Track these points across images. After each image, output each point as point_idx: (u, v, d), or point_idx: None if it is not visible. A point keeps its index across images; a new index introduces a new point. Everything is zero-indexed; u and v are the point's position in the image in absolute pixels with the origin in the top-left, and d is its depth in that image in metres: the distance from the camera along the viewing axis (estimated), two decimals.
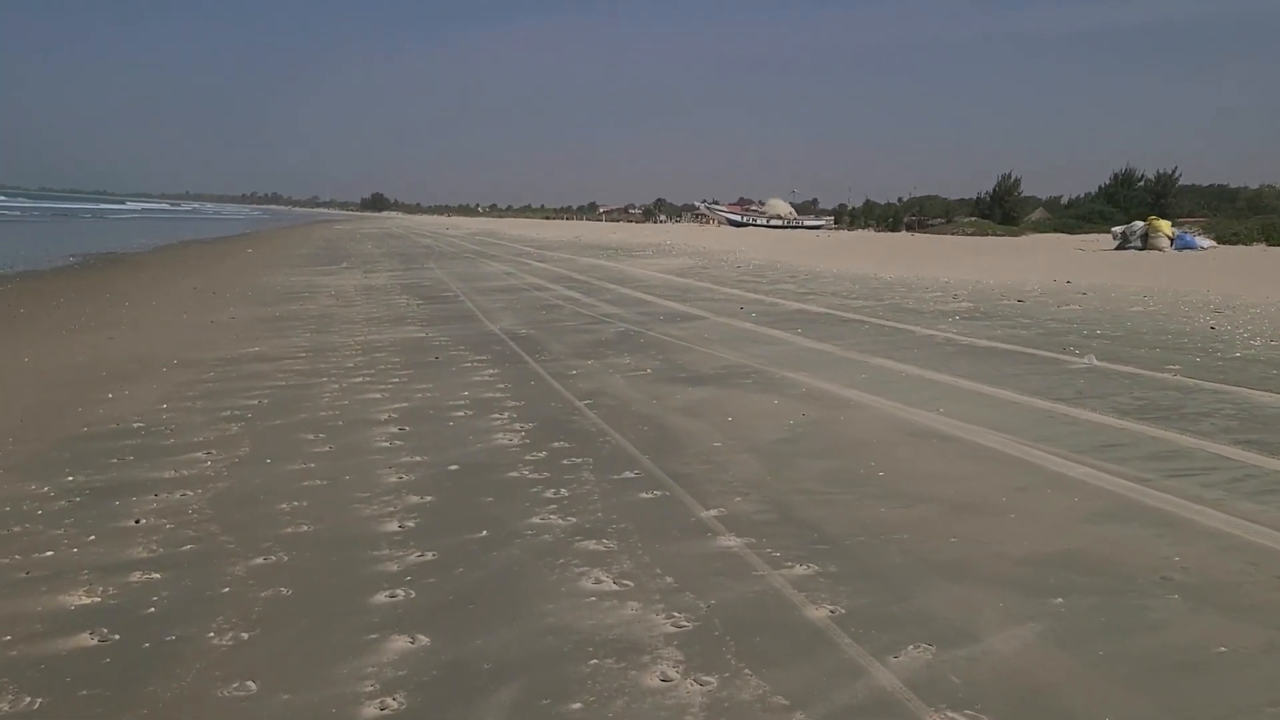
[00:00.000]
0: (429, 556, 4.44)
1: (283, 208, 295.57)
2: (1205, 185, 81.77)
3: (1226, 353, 10.21)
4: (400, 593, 4.02)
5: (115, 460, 6.23)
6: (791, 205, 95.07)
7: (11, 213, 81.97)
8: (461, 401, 8.02)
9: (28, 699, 3.17)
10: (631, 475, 5.74)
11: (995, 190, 72.75)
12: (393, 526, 4.87)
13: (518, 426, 7.08)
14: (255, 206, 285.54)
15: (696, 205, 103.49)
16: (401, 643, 3.55)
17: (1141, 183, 67.91)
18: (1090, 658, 3.35)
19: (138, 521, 4.97)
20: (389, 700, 3.14)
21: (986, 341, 11.05)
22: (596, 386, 8.65)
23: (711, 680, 3.22)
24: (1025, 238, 53.75)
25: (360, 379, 9.21)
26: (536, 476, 5.74)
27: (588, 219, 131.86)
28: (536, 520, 4.93)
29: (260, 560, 4.41)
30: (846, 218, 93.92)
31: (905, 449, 6.27)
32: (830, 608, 3.78)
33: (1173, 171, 65.96)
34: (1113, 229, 29.07)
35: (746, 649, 3.44)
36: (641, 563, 4.33)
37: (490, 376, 9.24)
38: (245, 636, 3.61)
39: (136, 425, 7.25)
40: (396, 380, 9.08)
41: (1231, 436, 6.52)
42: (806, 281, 20.48)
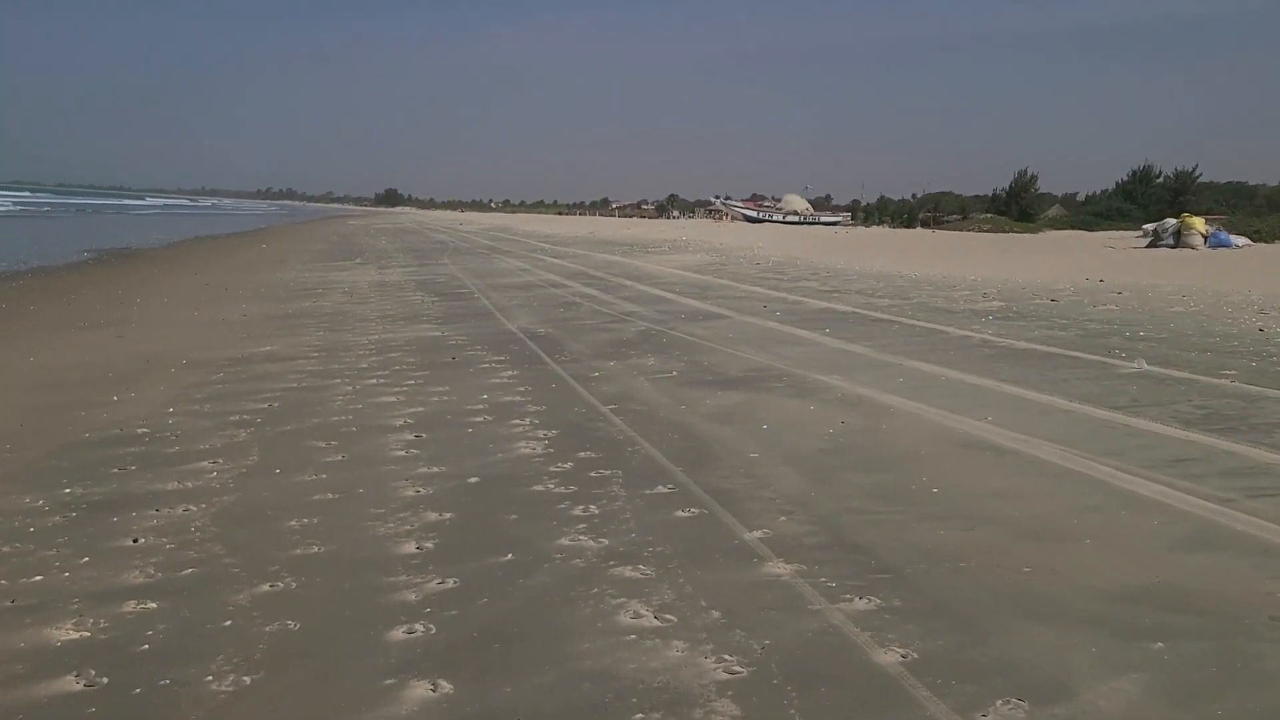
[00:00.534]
0: (450, 584, 4.05)
1: (297, 203, 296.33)
2: (1223, 182, 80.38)
3: None
4: (419, 628, 3.63)
5: (116, 470, 5.87)
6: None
7: (40, 208, 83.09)
8: (480, 406, 7.64)
9: None
10: (665, 490, 5.34)
11: (1012, 187, 71.91)
12: (410, 548, 4.49)
13: (540, 434, 6.70)
14: (272, 202, 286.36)
15: (712, 201, 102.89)
16: (421, 690, 3.17)
17: (1160, 179, 66.92)
18: (1209, 718, 2.93)
19: (136, 541, 4.61)
20: None
21: (1025, 343, 10.60)
22: (621, 390, 8.25)
23: None
24: (1045, 235, 53.06)
25: (374, 380, 8.84)
26: (563, 491, 5.35)
27: (601, 215, 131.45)
28: (565, 542, 4.54)
29: (266, 587, 4.03)
30: (860, 213, 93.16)
31: (956, 462, 5.85)
32: (900, 651, 3.37)
33: (1193, 169, 64.97)
34: (1144, 226, 28.50)
35: (812, 703, 3.04)
36: (684, 593, 3.93)
37: (509, 378, 8.86)
38: (247, 681, 3.23)
39: (141, 431, 6.90)
40: (412, 382, 8.71)
41: None
42: (829, 279, 20.03)
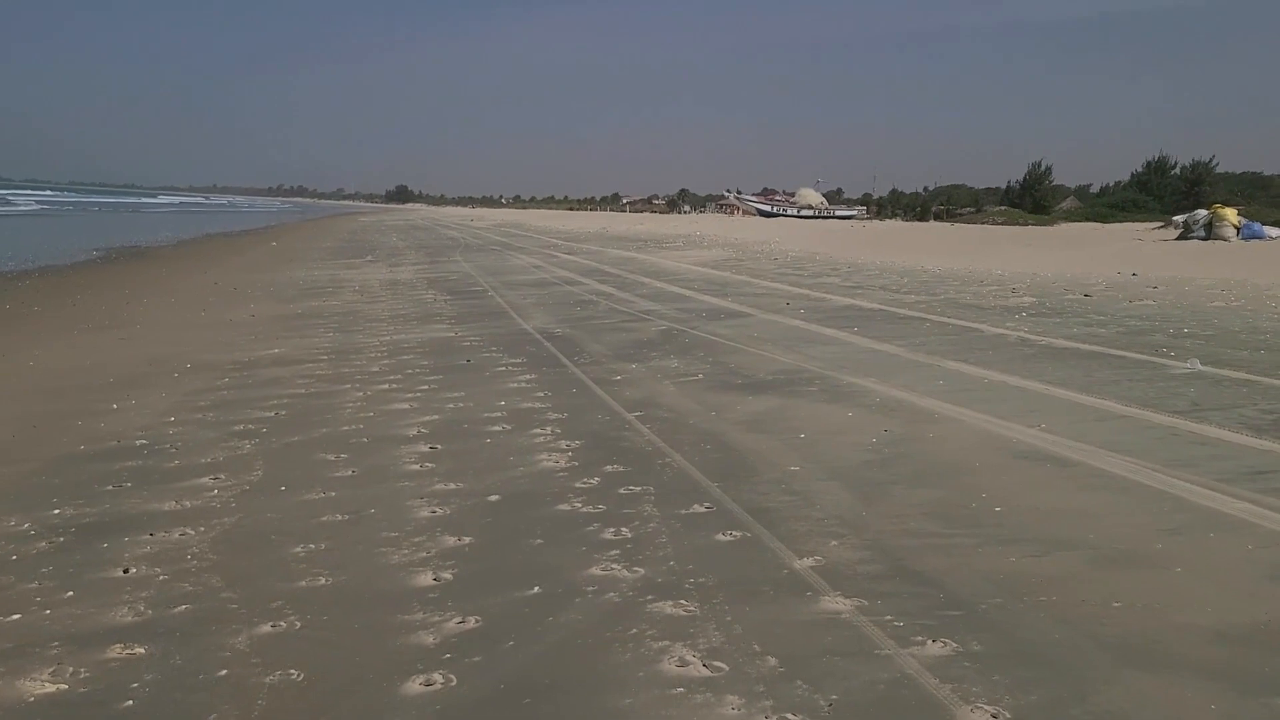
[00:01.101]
0: (471, 623, 3.64)
1: (309, 200, 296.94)
2: (1238, 173, 79.02)
3: None
4: (438, 678, 3.22)
5: (110, 488, 5.48)
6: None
7: (64, 207, 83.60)
8: (498, 413, 7.23)
9: None
10: (702, 509, 4.91)
11: (1025, 179, 71.01)
12: (426, 579, 4.08)
13: (563, 444, 6.28)
14: (284, 199, 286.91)
15: (725, 194, 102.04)
16: None
17: (1176, 170, 65.95)
18: None
19: (126, 571, 4.21)
20: None
21: (1065, 341, 10.12)
22: (645, 395, 7.83)
23: None
24: (1061, 227, 52.33)
25: (386, 385, 8.44)
26: (591, 510, 4.93)
27: (611, 210, 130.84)
28: (597, 571, 4.12)
29: (268, 627, 3.63)
30: (873, 206, 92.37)
31: (1015, 475, 5.40)
32: (990, 710, 2.94)
33: (1210, 159, 63.90)
34: (1173, 218, 27.87)
35: None
36: (733, 634, 3.51)
37: (527, 383, 8.44)
38: None
39: (139, 443, 6.51)
40: (425, 388, 8.31)
41: None
42: (850, 274, 19.54)
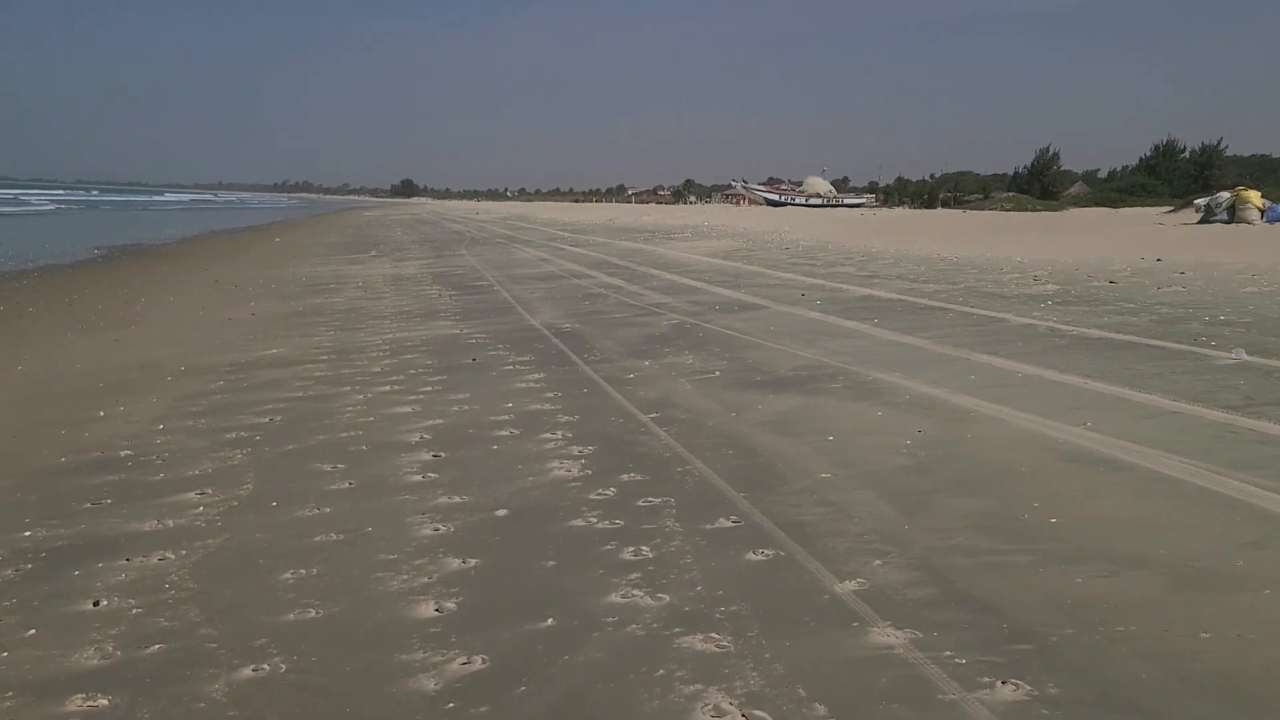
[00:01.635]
0: (478, 664, 3.23)
1: (314, 196, 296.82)
2: (1247, 155, 77.96)
3: None
4: None
5: (89, 505, 5.09)
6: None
7: (78, 206, 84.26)
8: (505, 417, 6.82)
9: None
10: (729, 524, 4.50)
11: (1034, 164, 70.35)
12: (428, 610, 3.67)
13: (575, 451, 5.87)
14: (291, 195, 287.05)
15: (732, 184, 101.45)
16: None
17: (1185, 154, 65.14)
18: None
19: (97, 604, 3.82)
20: None
21: (1098, 331, 9.67)
22: (661, 395, 7.41)
23: None
24: (1071, 212, 51.77)
25: (387, 387, 8.04)
26: (608, 526, 4.52)
27: (617, 201, 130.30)
28: (617, 599, 3.71)
29: (249, 671, 3.23)
30: (880, 194, 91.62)
31: (1067, 481, 4.98)
32: None
33: (1218, 142, 63.04)
34: (1195, 201, 27.31)
35: None
36: (772, 675, 3.10)
37: (536, 383, 8.03)
38: None
39: (124, 454, 6.13)
40: (428, 389, 7.91)
41: None
42: (865, 263, 19.07)
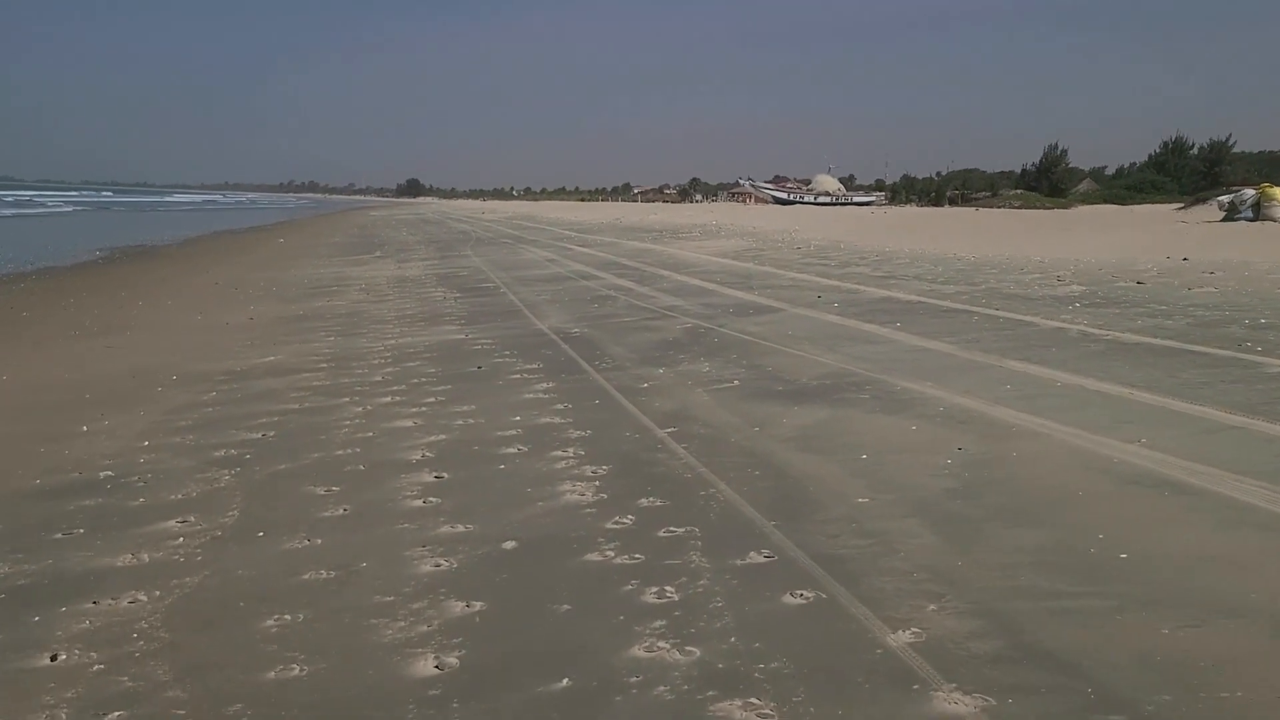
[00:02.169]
0: None
1: (320, 196, 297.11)
2: (1255, 152, 77.22)
3: None
4: None
5: (59, 535, 4.67)
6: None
7: (93, 208, 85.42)
8: (513, 432, 6.39)
9: None
10: (761, 559, 4.06)
11: (1042, 162, 69.81)
12: (427, 666, 3.24)
13: (589, 471, 5.43)
14: (298, 196, 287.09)
15: (740, 182, 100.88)
16: None
17: (1194, 151, 64.54)
18: None
19: (54, 658, 3.39)
20: None
21: (1134, 336, 9.20)
22: (677, 406, 6.97)
23: None
24: (1088, 209, 51.22)
25: (388, 398, 7.62)
26: (627, 562, 4.09)
27: (623, 200, 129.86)
28: (640, 653, 3.28)
29: None
30: (887, 192, 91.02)
31: (1130, 508, 4.52)
32: None
33: (1227, 139, 62.38)
34: (1218, 198, 26.76)
35: None
36: None
37: (545, 393, 7.60)
38: None
39: (104, 475, 5.71)
40: (432, 400, 7.48)
41: None
42: (880, 263, 18.59)
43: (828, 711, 2.87)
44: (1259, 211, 22.45)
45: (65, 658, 3.39)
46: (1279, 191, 22.81)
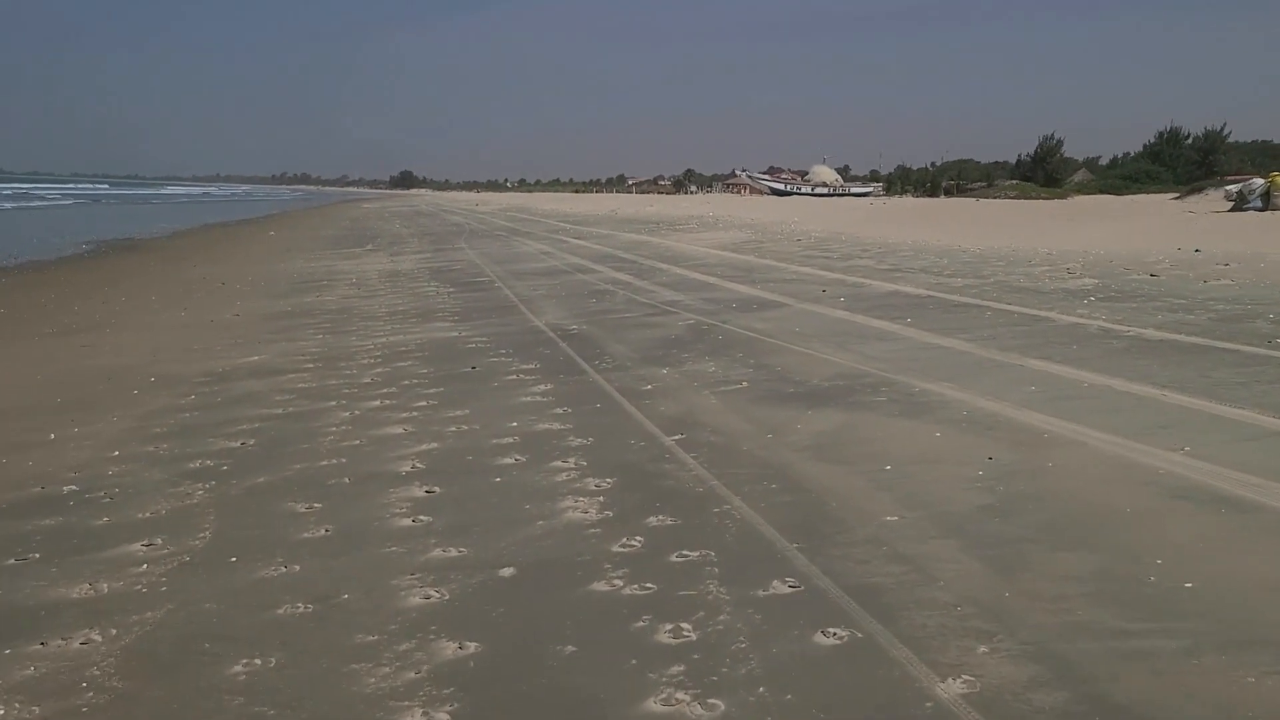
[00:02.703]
0: None
1: (313, 188, 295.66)
2: (1248, 141, 77.11)
3: None
4: None
5: (12, 561, 4.28)
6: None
7: (95, 199, 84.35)
8: (509, 439, 5.99)
9: None
10: (785, 589, 3.67)
11: (1037, 152, 69.48)
12: None
13: (591, 484, 5.04)
14: (292, 188, 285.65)
15: (736, 174, 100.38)
16: None
17: (1189, 140, 64.32)
18: None
19: None
20: None
21: (1155, 332, 8.82)
22: (684, 410, 6.58)
23: None
24: (1075, 200, 50.81)
25: (377, 402, 7.22)
26: (637, 592, 3.69)
27: (617, 191, 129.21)
28: (657, 706, 2.89)
29: None
30: (883, 183, 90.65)
31: (1185, 526, 4.14)
32: None
33: (1221, 128, 62.11)
34: (1226, 188, 26.40)
35: None
36: None
37: (543, 395, 7.20)
38: None
39: (68, 489, 5.30)
40: (423, 404, 7.08)
41: None
42: (884, 256, 18.20)
43: None
44: (1268, 201, 22.09)
45: (3, 713, 2.99)
46: None
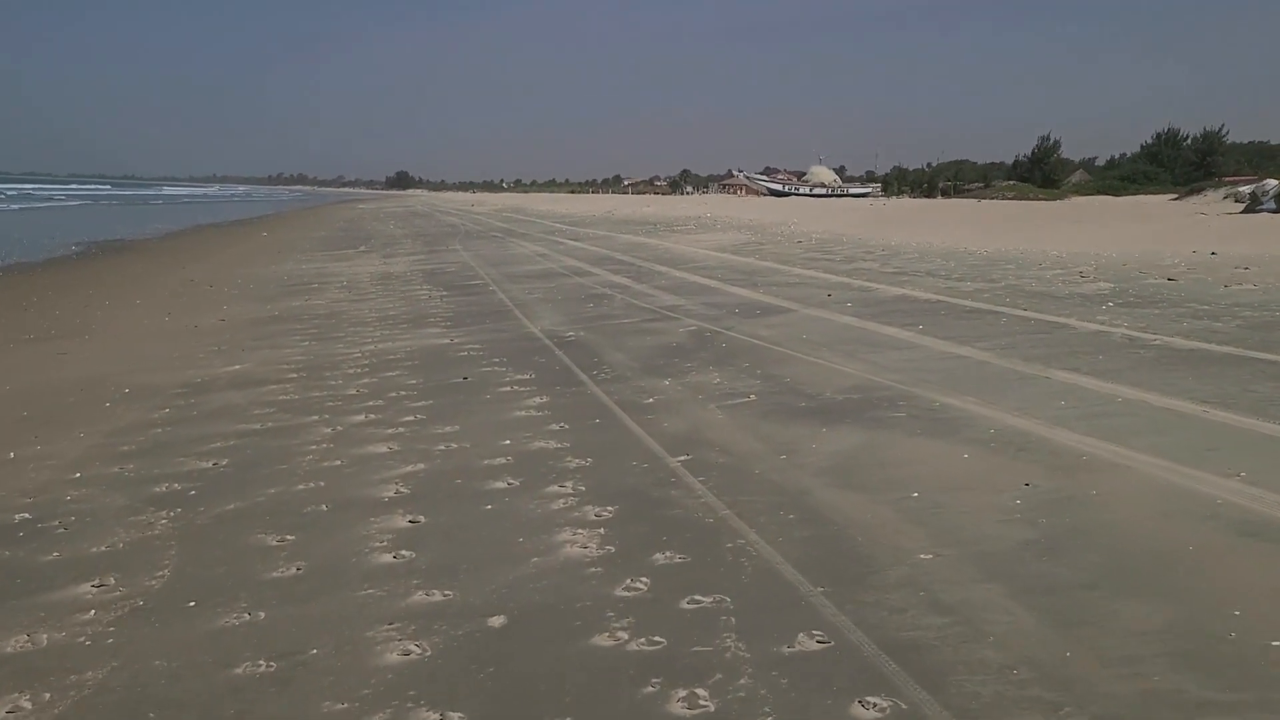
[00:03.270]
0: None
1: (308, 188, 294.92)
2: (1245, 142, 77.17)
3: None
4: None
5: None
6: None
7: (99, 200, 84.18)
8: (501, 460, 5.55)
9: None
10: (814, 645, 3.22)
11: (1034, 152, 69.31)
12: None
13: (591, 513, 4.59)
14: (289, 188, 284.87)
15: (734, 174, 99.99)
16: None
17: (1187, 141, 64.15)
18: None
19: None
20: None
21: (1183, 340, 8.39)
22: (689, 427, 6.14)
23: None
24: (1073, 201, 50.49)
25: (362, 417, 6.77)
26: (645, 648, 3.25)
27: (613, 192, 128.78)
28: None
29: None
30: (879, 184, 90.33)
31: (1258, 570, 3.70)
32: None
33: (1219, 129, 61.92)
34: (1238, 189, 26.02)
35: None
36: None
37: (538, 409, 6.76)
38: None
39: (20, 517, 4.85)
40: (410, 419, 6.63)
41: None
42: (888, 258, 17.76)
43: None
44: None
45: None
46: None
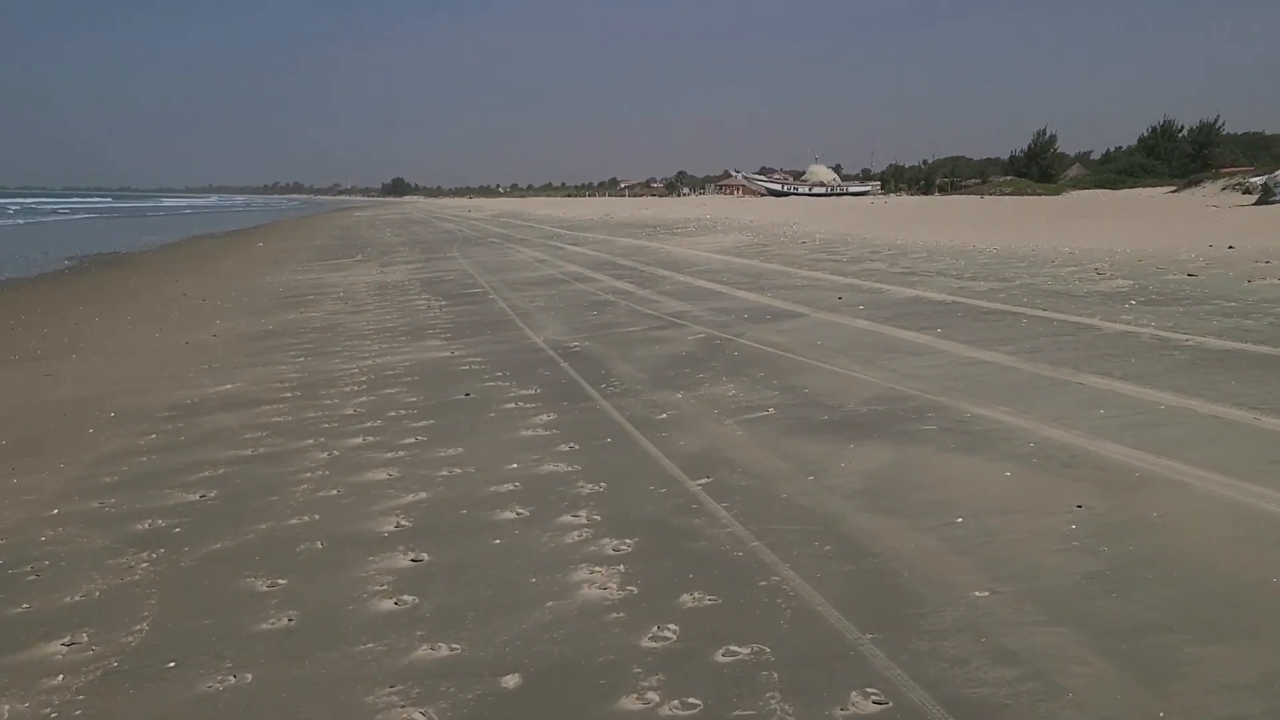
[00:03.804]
0: None
1: (305, 196, 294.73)
2: (1240, 133, 77.22)
3: None
4: None
5: None
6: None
7: (101, 212, 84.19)
8: (509, 486, 5.18)
9: None
10: (871, 707, 2.86)
11: (1031, 148, 69.20)
12: None
13: (609, 548, 4.23)
14: (286, 197, 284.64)
15: (731, 175, 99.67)
16: None
17: (1183, 133, 64.01)
18: None
19: None
20: None
21: (1218, 341, 8.03)
22: (707, 445, 5.77)
23: None
24: (1072, 194, 50.31)
25: (359, 440, 6.40)
26: (679, 714, 2.88)
27: (610, 195, 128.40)
28: None
29: None
30: (877, 182, 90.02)
31: None
32: None
33: (1215, 120, 61.78)
34: (1251, 180, 25.74)
35: None
36: None
37: (545, 428, 6.39)
38: None
39: None
40: (411, 441, 6.27)
41: None
42: (895, 258, 17.40)
43: None
44: None
45: None
46: None
